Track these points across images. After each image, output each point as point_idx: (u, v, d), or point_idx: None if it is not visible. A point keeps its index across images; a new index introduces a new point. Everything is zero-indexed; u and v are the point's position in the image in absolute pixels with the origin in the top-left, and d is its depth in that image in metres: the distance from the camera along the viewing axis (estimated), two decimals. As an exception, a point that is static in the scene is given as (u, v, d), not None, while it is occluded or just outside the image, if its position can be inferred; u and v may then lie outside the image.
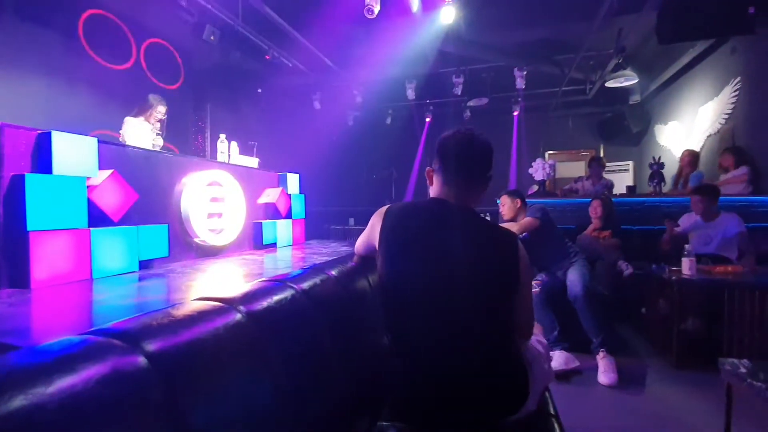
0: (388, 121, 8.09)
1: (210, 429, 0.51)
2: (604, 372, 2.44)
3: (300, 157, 6.64)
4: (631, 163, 7.57)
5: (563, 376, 2.48)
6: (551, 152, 8.11)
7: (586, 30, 4.73)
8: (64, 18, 3.96)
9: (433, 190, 1.19)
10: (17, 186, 1.50)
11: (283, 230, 3.13)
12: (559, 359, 2.51)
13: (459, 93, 6.27)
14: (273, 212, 3.11)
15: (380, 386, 1.18)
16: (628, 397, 2.28)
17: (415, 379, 1.05)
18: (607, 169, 5.43)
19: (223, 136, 3.01)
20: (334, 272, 1.16)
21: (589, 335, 2.60)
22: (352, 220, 7.84)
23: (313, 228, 5.11)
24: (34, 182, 1.52)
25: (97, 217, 1.76)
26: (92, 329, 0.51)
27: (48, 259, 1.55)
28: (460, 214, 1.10)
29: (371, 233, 1.19)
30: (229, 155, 3.01)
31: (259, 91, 6.81)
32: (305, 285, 0.96)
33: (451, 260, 1.05)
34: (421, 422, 1.06)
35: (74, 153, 1.69)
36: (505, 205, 2.91)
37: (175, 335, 0.54)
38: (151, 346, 0.49)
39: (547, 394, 1.32)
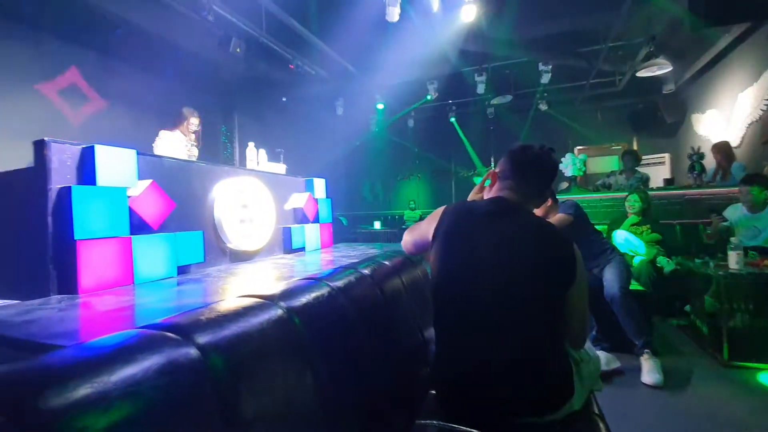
0: (411, 123, 8.09)
1: (257, 418, 0.52)
2: (649, 372, 2.33)
3: (325, 162, 6.74)
4: (667, 155, 7.24)
5: (604, 376, 2.39)
6: (581, 147, 7.86)
7: (612, 20, 4.58)
8: (99, 36, 4.21)
9: (492, 192, 1.24)
10: (64, 197, 1.59)
11: (311, 234, 3.16)
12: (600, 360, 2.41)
13: (482, 91, 6.20)
14: (301, 217, 3.15)
15: (417, 385, 1.17)
16: (675, 397, 2.17)
17: (459, 374, 1.05)
18: (641, 162, 5.21)
19: (251, 144, 3.08)
20: (367, 271, 1.17)
21: (630, 337, 2.49)
22: (377, 224, 7.86)
23: (340, 232, 5.15)
24: (79, 193, 1.60)
25: (137, 226, 1.83)
26: (145, 324, 0.53)
27: (94, 266, 1.62)
28: (516, 211, 1.14)
29: (425, 231, 1.23)
30: (258, 162, 3.08)
31: (284, 99, 6.97)
32: (341, 283, 0.97)
33: (504, 256, 1.07)
34: (461, 418, 1.04)
35: (115, 165, 1.77)
36: None
37: (222, 329, 0.55)
38: (201, 339, 0.51)
39: (592, 395, 1.27)
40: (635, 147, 7.42)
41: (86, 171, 1.71)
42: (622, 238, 3.27)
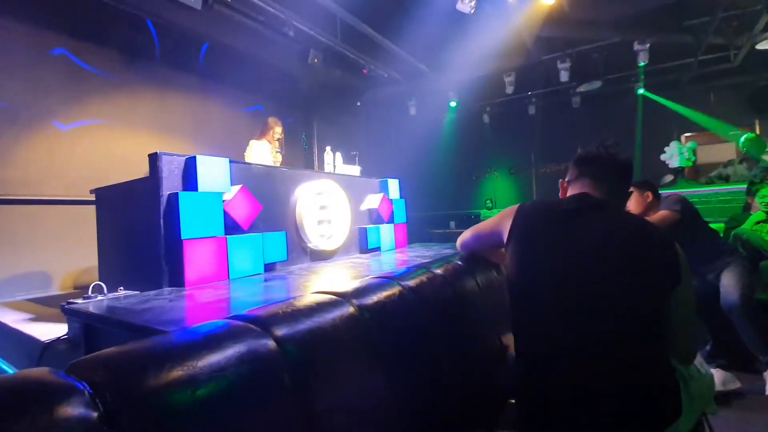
0: (486, 119, 7.81)
1: (330, 411, 0.54)
2: (779, 396, 1.96)
3: (399, 163, 6.81)
4: (801, 139, 6.03)
5: (721, 398, 2.06)
6: (688, 134, 6.88)
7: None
8: (193, 56, 4.80)
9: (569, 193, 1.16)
10: (173, 202, 1.81)
11: (386, 234, 3.21)
12: (715, 379, 2.09)
13: (566, 79, 5.75)
14: (376, 217, 3.22)
15: (495, 392, 1.12)
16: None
17: (543, 386, 0.97)
18: (768, 148, 4.40)
19: (328, 149, 3.23)
20: (440, 271, 1.14)
21: (753, 352, 2.12)
22: (453, 224, 7.73)
23: (415, 232, 5.17)
24: (185, 198, 1.81)
25: (230, 226, 2.02)
26: (231, 315, 0.59)
27: (197, 263, 1.83)
28: (603, 207, 1.04)
29: (495, 230, 1.18)
30: (335, 165, 3.22)
31: (359, 104, 7.20)
32: (412, 283, 0.96)
33: (590, 258, 0.97)
34: (545, 432, 0.97)
35: (213, 172, 1.97)
36: (632, 199, 2.49)
37: (298, 323, 0.58)
38: (279, 331, 0.54)
39: (703, 418, 1.10)
40: (758, 131, 6.29)
41: (189, 178, 1.93)
42: None
